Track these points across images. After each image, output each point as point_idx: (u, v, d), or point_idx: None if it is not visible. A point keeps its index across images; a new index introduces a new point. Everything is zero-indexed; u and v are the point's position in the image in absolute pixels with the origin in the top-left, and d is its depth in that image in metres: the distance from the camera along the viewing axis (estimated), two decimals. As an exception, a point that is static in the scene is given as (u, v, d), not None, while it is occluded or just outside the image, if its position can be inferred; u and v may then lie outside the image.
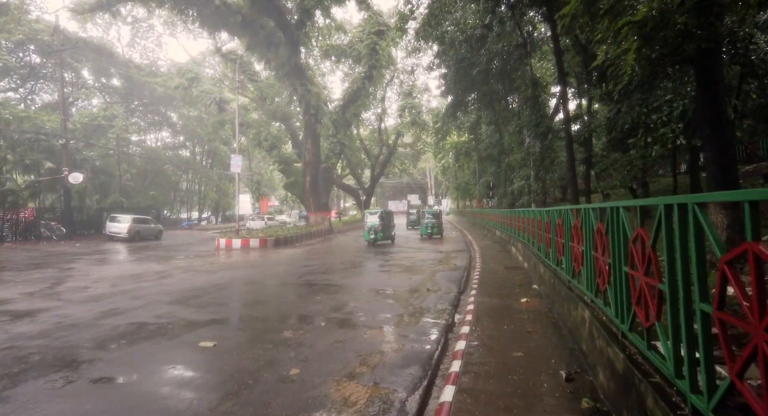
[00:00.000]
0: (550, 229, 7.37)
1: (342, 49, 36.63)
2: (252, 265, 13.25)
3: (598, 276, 4.12)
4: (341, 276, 10.57)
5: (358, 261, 14.07)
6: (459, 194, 55.74)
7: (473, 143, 38.97)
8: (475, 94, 30.43)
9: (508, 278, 9.53)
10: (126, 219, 25.77)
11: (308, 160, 28.43)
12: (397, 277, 10.45)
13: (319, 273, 11.03)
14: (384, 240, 19.55)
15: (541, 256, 8.57)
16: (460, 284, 9.41)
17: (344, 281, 9.84)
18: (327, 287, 9.06)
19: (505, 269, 11.04)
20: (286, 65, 25.12)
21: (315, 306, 7.07)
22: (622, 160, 13.09)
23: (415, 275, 10.85)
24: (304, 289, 8.72)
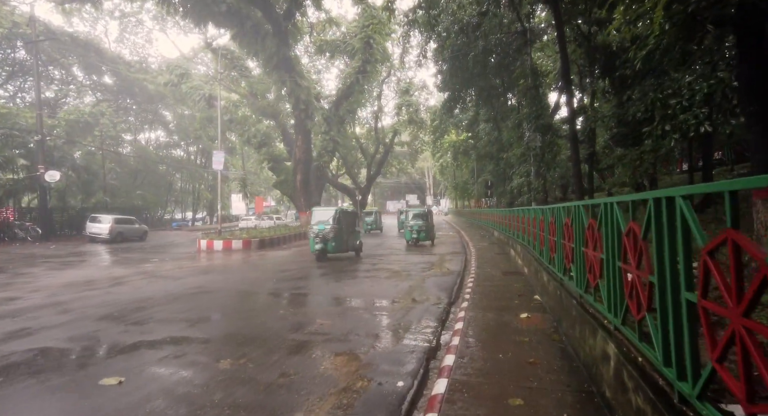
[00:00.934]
0: (554, 231, 6.21)
1: (336, 44, 35.50)
2: (225, 270, 12.06)
3: (628, 294, 2.96)
4: (318, 284, 9.41)
5: (343, 265, 12.91)
6: (457, 194, 54.51)
7: (471, 142, 37.81)
8: (472, 90, 29.35)
9: (506, 286, 8.37)
10: (107, 220, 24.60)
11: (299, 158, 27.25)
12: (381, 285, 9.29)
13: (295, 280, 9.86)
14: (339, 251, 13.94)
15: (543, 262, 7.41)
16: (451, 293, 8.24)
17: (320, 290, 8.68)
18: (297, 298, 7.90)
19: (502, 274, 9.88)
20: (275, 58, 23.95)
21: (274, 324, 5.90)
22: (630, 154, 11.97)
23: (402, 282, 9.69)
24: (270, 300, 7.55)
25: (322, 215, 14.05)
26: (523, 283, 8.56)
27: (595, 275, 3.88)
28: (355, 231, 15.38)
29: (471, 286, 8.37)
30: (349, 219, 14.84)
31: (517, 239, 12.59)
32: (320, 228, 13.41)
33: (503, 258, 13.20)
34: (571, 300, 4.72)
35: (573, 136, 11.51)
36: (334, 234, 13.41)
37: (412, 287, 8.94)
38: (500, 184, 30.35)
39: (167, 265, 13.01)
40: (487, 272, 10.33)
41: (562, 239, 5.50)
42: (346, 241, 14.27)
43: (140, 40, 49.37)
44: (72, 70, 41.34)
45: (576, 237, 4.65)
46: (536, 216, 8.64)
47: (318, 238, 13.32)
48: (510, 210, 15.14)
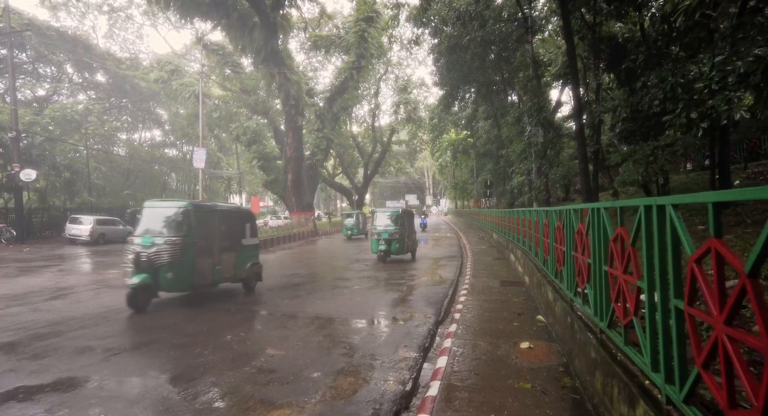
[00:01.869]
0: (562, 238, 5.04)
1: (331, 40, 34.34)
2: None
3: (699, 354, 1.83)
4: (288, 297, 8.23)
5: (324, 271, 11.75)
6: (456, 194, 53.27)
7: (470, 141, 36.62)
8: (472, 87, 28.17)
9: (505, 300, 7.20)
10: (88, 221, 23.48)
11: (290, 156, 26.10)
12: (360, 297, 8.12)
13: (261, 292, 8.69)
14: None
15: (547, 274, 6.25)
16: (440, 309, 7.07)
17: (286, 305, 7.50)
18: (254, 317, 6.72)
19: (500, 285, 8.70)
20: (263, 51, 22.80)
21: (213, 355, 4.73)
22: (642, 150, 10.79)
23: (387, 293, 8.52)
24: (220, 321, 6.37)
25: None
26: (523, 297, 7.39)
27: (628, 308, 2.72)
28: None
29: (463, 300, 7.20)
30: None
31: (517, 243, 11.42)
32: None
33: (502, 264, 12.03)
34: (587, 335, 3.55)
35: (579, 129, 10.33)
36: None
37: (397, 301, 7.76)
38: (500, 183, 29.17)
39: (133, 272, 11.82)
40: (483, 282, 9.16)
41: (573, 250, 4.34)
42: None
43: (131, 36, 48.22)
44: (65, 68, 40.20)
45: (596, 252, 3.48)
46: (539, 218, 7.48)
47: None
48: (509, 211, 13.98)
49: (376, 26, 30.55)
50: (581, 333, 3.76)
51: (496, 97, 26.94)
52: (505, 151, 20.27)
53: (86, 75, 42.39)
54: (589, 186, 10.76)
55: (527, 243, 9.62)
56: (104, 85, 42.59)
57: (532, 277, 7.75)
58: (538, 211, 7.52)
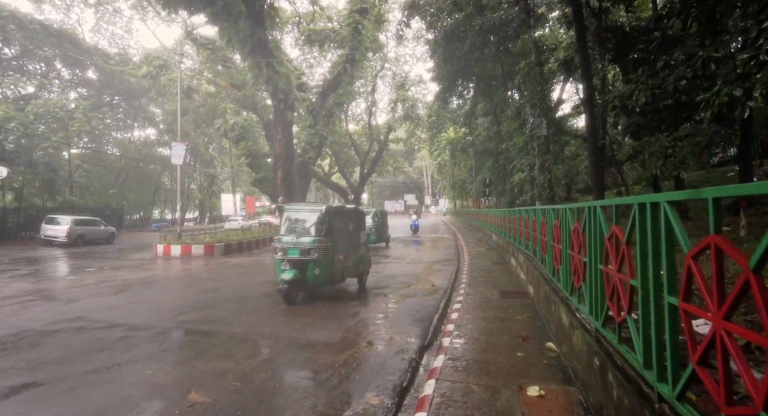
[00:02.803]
0: (580, 246, 3.84)
1: (326, 34, 33.11)
2: (148, 287, 9.49)
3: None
4: (249, 312, 7.00)
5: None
6: (455, 193, 51.98)
7: (468, 139, 35.36)
8: (471, 83, 26.96)
9: (505, 318, 5.98)
10: (65, 221, 22.21)
11: (279, 153, 24.84)
12: (333, 313, 6.90)
13: (218, 306, 7.46)
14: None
15: (558, 287, 5.03)
16: (428, 329, 5.85)
17: (244, 323, 6.28)
18: (195, 340, 5.49)
19: (500, 296, 7.47)
20: (249, 41, 21.54)
21: (126, 392, 3.50)
22: (660, 141, 9.58)
23: (366, 307, 7.30)
24: (155, 345, 5.15)
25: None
26: (528, 313, 6.16)
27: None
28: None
29: (456, 318, 5.98)
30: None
31: (519, 246, 10.19)
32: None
33: (502, 270, 10.80)
34: (627, 395, 2.33)
35: (590, 118, 9.10)
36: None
37: (376, 317, 6.54)
38: (500, 181, 27.94)
39: (88, 278, 10.60)
40: (481, 292, 7.93)
41: (601, 263, 3.13)
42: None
43: (119, 31, 46.87)
44: (54, 64, 38.95)
45: (646, 271, 2.27)
46: (545, 219, 6.27)
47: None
48: (510, 210, 12.77)
49: (370, 18, 29.35)
50: (618, 388, 2.54)
51: (495, 92, 25.71)
52: (506, 145, 18.99)
53: (78, 72, 41.22)
54: (602, 182, 9.54)
55: (530, 247, 8.40)
56: (95, 82, 41.36)
57: (538, 289, 6.52)
58: (545, 211, 6.30)
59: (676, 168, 8.87)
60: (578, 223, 3.99)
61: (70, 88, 41.55)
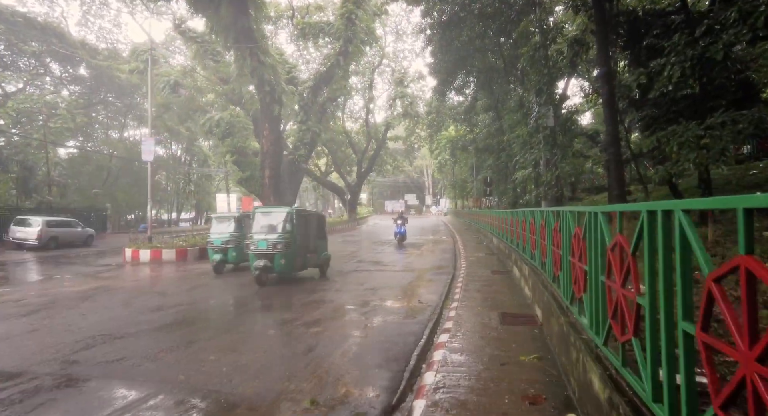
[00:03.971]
0: (619, 264, 2.34)
1: (320, 26, 31.62)
2: (73, 303, 7.87)
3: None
4: (172, 346, 5.48)
5: (264, 293, 9.01)
6: (456, 193, 50.35)
7: (468, 137, 33.75)
8: (470, 76, 25.41)
9: (507, 359, 4.43)
10: (36, 222, 20.78)
11: (266, 150, 23.33)
12: (281, 346, 5.37)
13: (140, 336, 5.94)
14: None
15: (581, 325, 3.50)
16: (401, 376, 4.32)
17: (152, 365, 4.76)
18: (95, 388, 3.99)
19: (500, 321, 5.93)
20: (232, 29, 20.05)
21: None
22: (691, 129, 8.06)
23: (328, 332, 5.78)
24: (24, 395, 3.66)
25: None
26: (536, 352, 4.61)
27: None
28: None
29: (441, 357, 4.45)
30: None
31: (523, 254, 8.66)
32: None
33: (502, 281, 9.25)
34: None
35: (609, 98, 7.57)
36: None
37: (336, 352, 5.01)
38: (501, 180, 26.37)
39: (25, 290, 9.12)
40: (476, 314, 6.38)
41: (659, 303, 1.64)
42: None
43: (107, 25, 45.45)
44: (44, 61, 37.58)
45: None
46: (560, 224, 4.74)
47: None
48: (512, 212, 11.23)
49: (364, 8, 27.83)
50: None
51: (496, 86, 24.14)
52: (507, 137, 17.36)
53: (69, 69, 39.90)
54: (622, 177, 8.01)
55: (537, 258, 6.86)
56: (87, 79, 39.89)
57: (549, 318, 4.99)
58: (559, 214, 4.76)
59: (714, 161, 7.32)
60: (622, 238, 2.48)
61: (62, 85, 40.20)
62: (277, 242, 9.27)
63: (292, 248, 9.43)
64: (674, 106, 11.49)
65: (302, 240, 9.87)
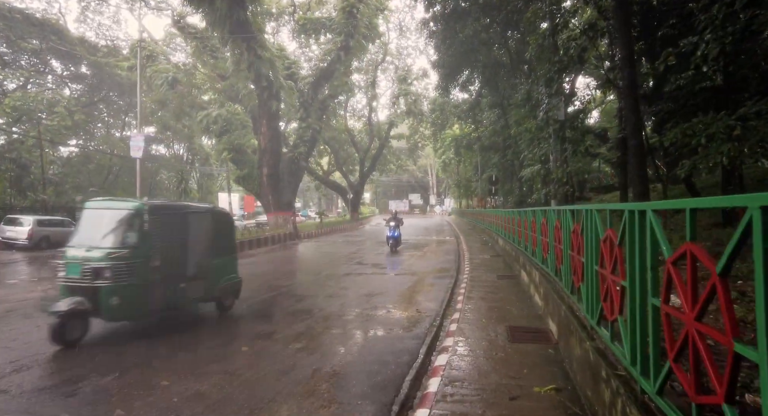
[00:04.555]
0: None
1: (321, 22, 30.93)
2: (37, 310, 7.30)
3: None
4: (119, 362, 4.74)
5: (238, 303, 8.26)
6: (460, 192, 49.43)
7: (473, 135, 32.85)
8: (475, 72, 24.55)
9: (518, 391, 3.64)
10: (27, 222, 20.19)
11: (264, 147, 22.66)
12: (249, 369, 4.61)
13: (97, 351, 5.21)
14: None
15: (609, 347, 2.70)
16: (389, 411, 3.55)
17: (96, 386, 4.01)
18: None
19: (508, 337, 5.13)
20: (227, 22, 19.37)
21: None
22: (723, 120, 7.26)
23: (307, 348, 5.02)
24: None
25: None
26: (553, 381, 3.82)
27: None
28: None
29: (438, 386, 3.68)
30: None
31: (533, 258, 7.86)
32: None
33: (510, 287, 8.44)
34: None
35: (630, 84, 6.77)
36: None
37: (312, 377, 4.24)
38: (507, 179, 25.52)
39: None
40: (481, 327, 5.59)
41: None
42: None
43: (107, 21, 44.92)
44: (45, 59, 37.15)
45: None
46: (581, 226, 3.96)
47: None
48: (519, 211, 10.43)
49: (366, 2, 27.08)
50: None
51: (501, 82, 23.26)
52: (514, 131, 16.47)
53: (71, 67, 39.47)
54: (645, 172, 7.20)
55: (551, 264, 6.06)
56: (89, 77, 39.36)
57: (569, 336, 4.18)
58: (584, 213, 3.96)
59: (751, 154, 6.49)
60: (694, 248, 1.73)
61: (63, 83, 39.78)
62: (104, 265, 5.14)
63: (137, 275, 5.30)
64: (692, 100, 10.72)
65: (168, 259, 5.66)
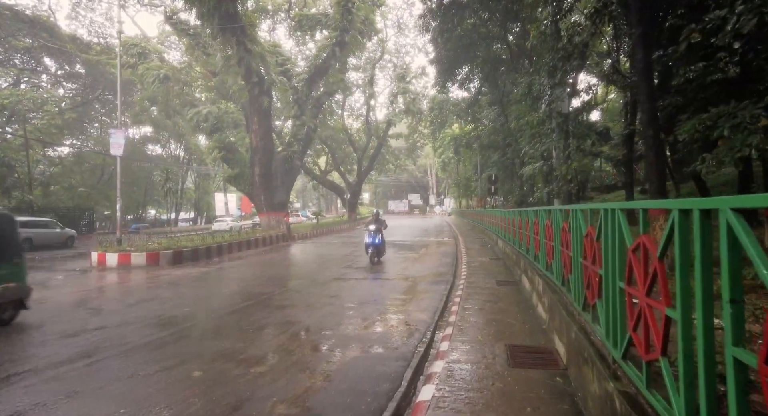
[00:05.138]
0: None
1: (317, 18, 30.15)
2: None
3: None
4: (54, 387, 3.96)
5: (218, 319, 7.49)
6: (460, 192, 48.58)
7: (472, 134, 32.03)
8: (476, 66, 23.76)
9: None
10: (9, 223, 19.40)
11: (256, 145, 21.87)
12: (195, 398, 3.82)
13: (28, 375, 4.44)
14: None
15: (624, 375, 1.96)
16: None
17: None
18: None
19: (508, 360, 4.35)
20: (215, 14, 18.59)
21: None
22: (749, 109, 6.53)
23: (269, 374, 4.22)
24: None
25: None
26: (563, 415, 3.05)
27: None
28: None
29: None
30: None
31: (535, 263, 7.09)
32: None
33: (510, 295, 7.66)
34: None
35: (645, 67, 6.01)
36: None
37: (271, 413, 3.47)
38: (507, 178, 24.74)
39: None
40: (477, 345, 4.81)
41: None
42: None
43: (99, 19, 44.14)
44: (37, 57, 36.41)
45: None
46: (601, 230, 3.19)
47: None
48: (520, 211, 9.66)
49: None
50: None
51: (501, 78, 22.47)
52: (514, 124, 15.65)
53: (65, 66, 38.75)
54: (663, 166, 6.43)
55: (557, 272, 5.29)
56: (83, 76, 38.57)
57: (582, 365, 3.39)
58: (603, 213, 3.18)
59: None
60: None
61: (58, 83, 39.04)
62: None
63: None
64: (702, 93, 9.99)
65: None
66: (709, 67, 9.09)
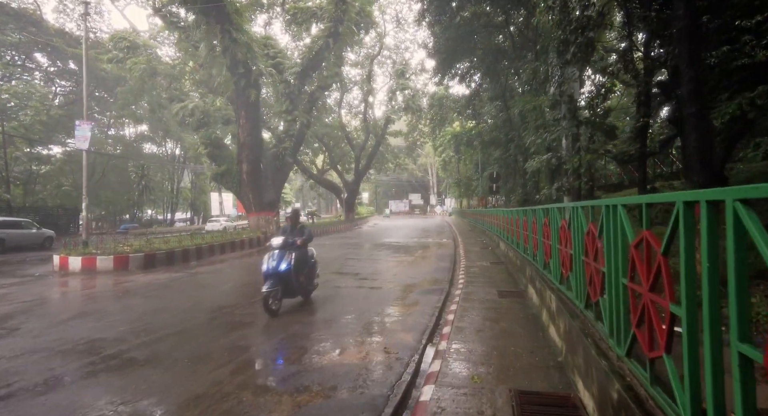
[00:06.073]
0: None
1: (312, 11, 28.90)
2: None
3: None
4: None
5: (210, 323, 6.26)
6: (460, 191, 47.26)
7: (473, 132, 30.74)
8: (476, 57, 22.53)
9: None
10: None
11: (243, 141, 20.64)
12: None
13: None
14: None
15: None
16: None
17: None
18: None
19: (515, 413, 3.11)
20: (198, 1, 17.36)
21: None
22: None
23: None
24: None
25: None
26: None
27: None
28: None
29: None
30: None
31: (546, 274, 5.84)
32: None
33: (514, 311, 6.39)
34: None
35: (691, 23, 4.76)
36: None
37: None
38: (510, 176, 23.46)
39: None
40: (473, 392, 3.57)
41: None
42: None
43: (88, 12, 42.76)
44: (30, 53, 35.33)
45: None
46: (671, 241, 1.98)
47: None
48: (524, 210, 8.42)
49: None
50: None
51: (503, 71, 21.20)
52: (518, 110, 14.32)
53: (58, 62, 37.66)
54: (710, 150, 5.19)
55: (578, 290, 4.04)
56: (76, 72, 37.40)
57: (604, 391, 2.19)
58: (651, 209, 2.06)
59: None
60: None
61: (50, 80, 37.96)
62: None
63: None
64: (726, 80, 8.86)
65: None
66: (733, 51, 7.96)
